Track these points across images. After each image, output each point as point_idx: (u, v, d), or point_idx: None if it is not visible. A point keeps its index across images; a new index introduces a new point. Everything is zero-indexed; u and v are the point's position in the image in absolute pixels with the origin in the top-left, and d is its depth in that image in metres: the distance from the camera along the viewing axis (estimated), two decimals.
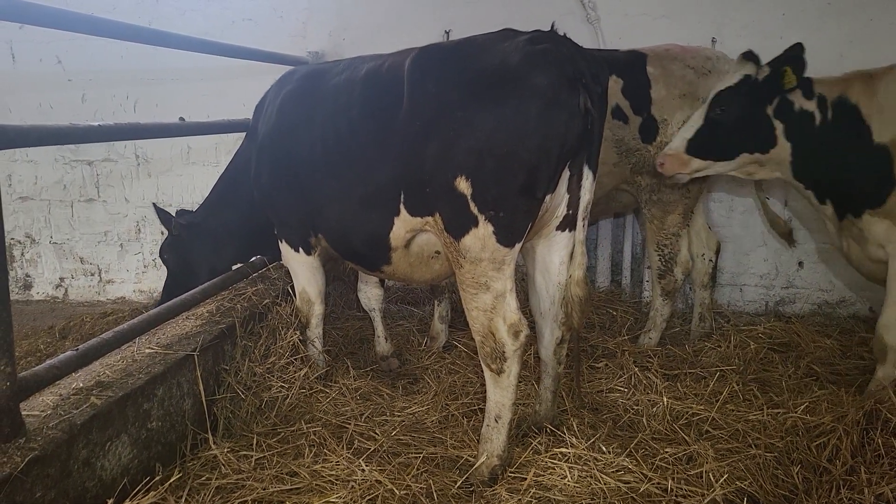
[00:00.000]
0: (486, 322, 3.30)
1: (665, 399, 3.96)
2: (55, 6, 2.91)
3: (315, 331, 4.42)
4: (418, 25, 6.13)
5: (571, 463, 3.32)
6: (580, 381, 4.13)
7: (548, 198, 3.25)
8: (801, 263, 5.84)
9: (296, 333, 4.35)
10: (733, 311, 5.97)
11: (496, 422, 3.39)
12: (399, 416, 4.02)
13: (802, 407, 3.81)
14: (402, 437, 3.78)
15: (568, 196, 3.38)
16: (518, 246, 3.26)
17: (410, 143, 3.31)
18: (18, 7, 2.58)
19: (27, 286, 7.27)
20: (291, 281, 4.53)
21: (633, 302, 6.02)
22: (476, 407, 4.05)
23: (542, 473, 3.27)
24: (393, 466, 3.39)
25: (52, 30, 3.06)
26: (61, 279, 7.25)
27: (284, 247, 4.37)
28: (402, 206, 3.47)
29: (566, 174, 3.29)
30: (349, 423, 3.86)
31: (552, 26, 3.35)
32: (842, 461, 3.30)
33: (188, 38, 4.31)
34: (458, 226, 3.25)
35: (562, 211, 3.41)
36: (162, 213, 4.88)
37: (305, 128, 3.90)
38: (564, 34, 3.31)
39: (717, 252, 5.38)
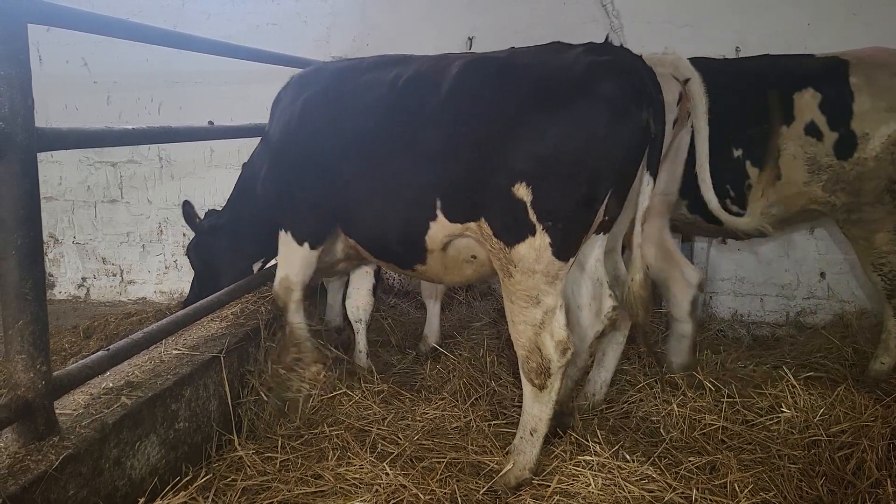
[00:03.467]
0: (532, 337, 3.29)
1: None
2: (82, 9, 2.95)
3: (295, 316, 4.23)
4: (441, 32, 6.17)
5: (595, 471, 3.33)
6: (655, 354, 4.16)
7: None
8: (822, 274, 5.82)
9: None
10: (753, 320, 5.96)
11: (531, 435, 3.39)
12: (420, 420, 4.03)
13: (824, 417, 3.80)
14: (424, 442, 3.79)
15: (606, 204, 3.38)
16: (572, 261, 3.26)
17: (453, 148, 3.31)
18: (46, 10, 2.62)
19: (50, 286, 7.34)
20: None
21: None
22: (497, 411, 4.06)
23: (566, 480, 3.28)
24: (417, 471, 3.40)
25: (78, 32, 3.08)
26: (83, 279, 7.32)
27: (286, 237, 4.22)
28: (438, 212, 3.46)
29: None
30: (372, 427, 3.87)
31: (606, 38, 3.40)
32: (867, 474, 3.30)
33: (212, 42, 4.33)
34: (512, 233, 3.23)
35: (599, 217, 3.39)
36: (188, 211, 4.86)
37: (334, 127, 3.87)
38: (621, 44, 3.33)
39: None
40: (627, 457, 3.43)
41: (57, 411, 2.72)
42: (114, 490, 2.81)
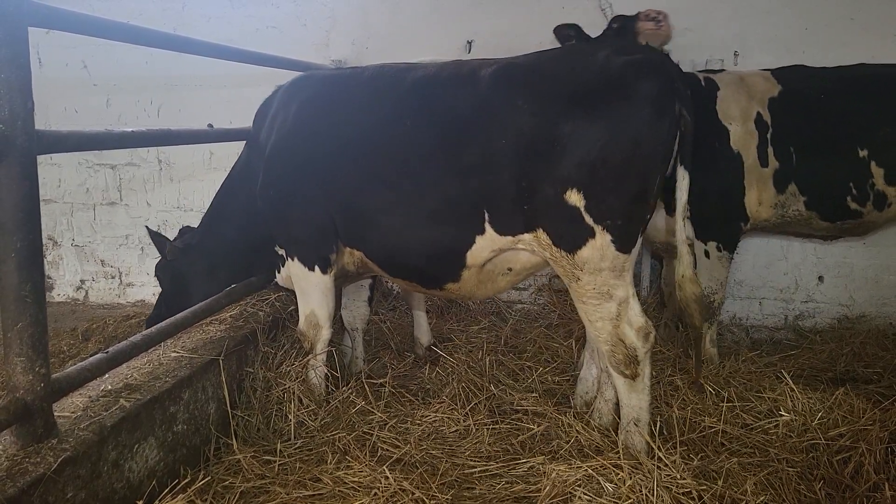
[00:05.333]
0: (612, 331, 3.35)
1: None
2: (82, 12, 2.95)
3: (319, 357, 4.13)
4: (441, 35, 6.19)
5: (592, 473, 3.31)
6: (700, 367, 4.15)
7: None
8: (821, 278, 5.83)
9: None
10: (751, 324, 5.96)
11: (636, 426, 3.44)
12: (420, 424, 4.03)
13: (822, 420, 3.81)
14: (423, 446, 3.79)
15: None
16: (635, 250, 3.32)
17: (495, 160, 3.31)
18: (46, 13, 2.62)
19: (48, 288, 7.34)
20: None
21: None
22: (496, 414, 4.06)
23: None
24: (416, 475, 3.40)
25: (78, 35, 3.09)
26: (82, 281, 7.32)
27: (295, 265, 4.05)
28: (487, 225, 3.44)
29: None
30: (372, 431, 3.87)
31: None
32: (865, 478, 3.30)
33: (212, 45, 4.31)
34: (571, 239, 3.27)
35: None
36: (156, 238, 4.53)
37: (339, 135, 3.78)
38: (647, 43, 3.36)
39: None
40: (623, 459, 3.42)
41: (56, 414, 2.72)
42: (112, 492, 2.81)
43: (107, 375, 3.24)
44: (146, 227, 4.76)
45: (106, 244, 7.21)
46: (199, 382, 3.55)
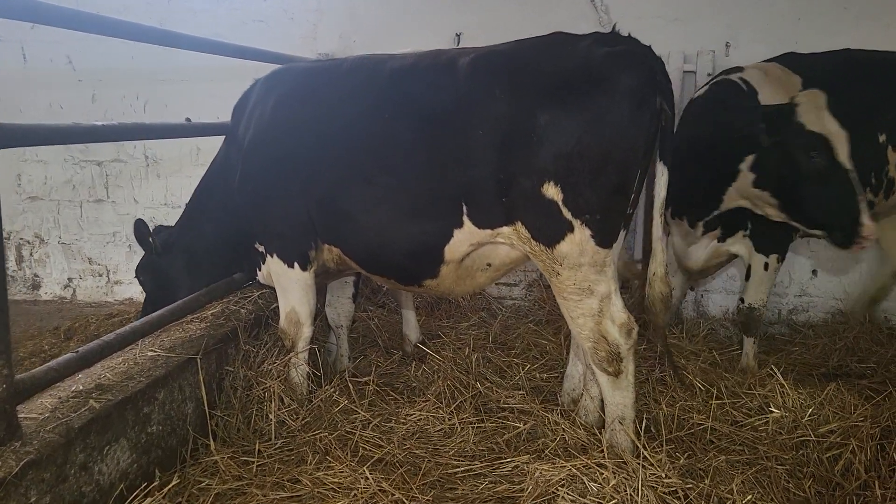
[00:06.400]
0: (594, 327, 3.29)
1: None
2: (67, 6, 2.88)
3: (301, 355, 4.05)
4: (429, 28, 6.10)
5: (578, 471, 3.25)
6: (676, 372, 4.05)
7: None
8: (814, 272, 5.75)
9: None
10: None
11: (620, 424, 3.37)
12: (404, 423, 3.96)
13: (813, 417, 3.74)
14: (407, 445, 3.72)
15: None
16: (616, 245, 3.25)
17: (473, 151, 3.24)
18: (31, 7, 2.55)
19: (35, 286, 7.27)
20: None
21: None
22: (482, 413, 3.99)
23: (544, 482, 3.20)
24: (398, 475, 3.33)
25: (63, 30, 3.03)
26: (69, 279, 7.25)
27: (275, 262, 3.97)
28: (465, 218, 3.37)
29: None
30: (355, 431, 3.79)
31: (613, 28, 3.38)
32: (855, 476, 3.23)
33: (199, 39, 4.27)
34: (550, 233, 3.21)
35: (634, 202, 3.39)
36: (139, 230, 4.33)
37: (316, 129, 3.71)
38: (629, 34, 3.30)
39: None
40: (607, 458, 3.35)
41: (21, 415, 2.65)
42: (80, 496, 2.73)
43: (79, 376, 3.17)
44: (137, 221, 4.41)
45: (93, 242, 7.14)
46: (176, 382, 3.48)
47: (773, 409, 3.82)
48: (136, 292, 7.09)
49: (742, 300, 4.71)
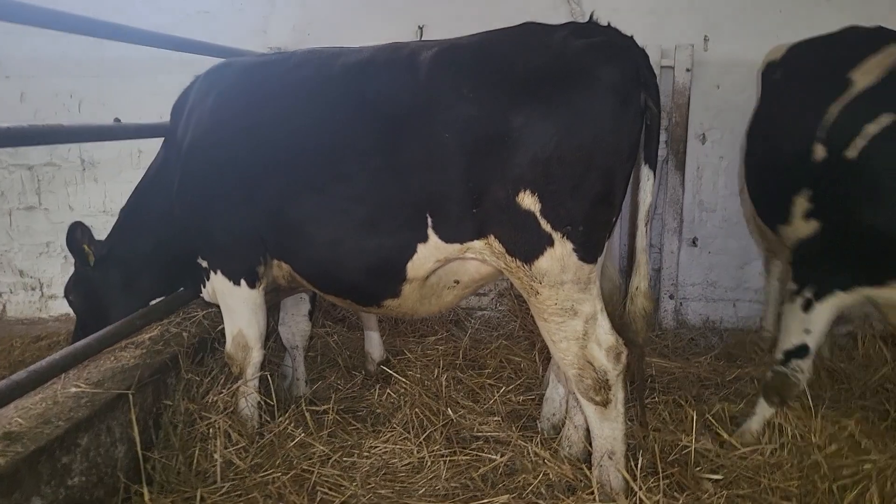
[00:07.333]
0: (579, 352, 2.93)
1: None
2: None
3: (251, 383, 3.63)
4: (389, 20, 5.69)
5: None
6: (644, 410, 3.62)
7: None
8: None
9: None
10: (726, 327, 5.59)
11: (610, 459, 3.00)
12: (368, 457, 3.55)
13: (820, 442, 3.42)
14: (371, 484, 3.32)
15: None
16: (601, 260, 2.90)
17: (438, 156, 2.87)
18: None
19: None
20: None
21: None
22: (454, 443, 3.60)
23: None
24: None
25: None
26: None
27: (219, 279, 3.57)
28: (430, 231, 2.99)
29: None
30: (313, 469, 3.37)
31: (590, 17, 3.04)
32: None
33: (138, 31, 3.86)
34: (527, 248, 2.84)
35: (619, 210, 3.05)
36: (75, 235, 3.89)
37: (262, 131, 3.31)
38: (608, 23, 2.93)
39: None
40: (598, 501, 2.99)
41: None
42: None
43: None
44: (76, 222, 4.01)
45: (24, 252, 6.55)
46: (103, 423, 3.02)
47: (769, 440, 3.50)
48: None
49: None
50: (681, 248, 5.55)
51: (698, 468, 3.31)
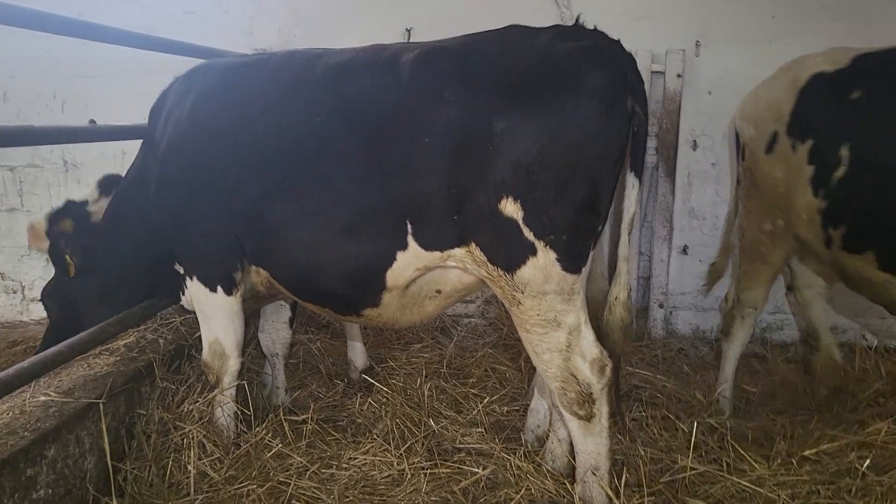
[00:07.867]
0: (562, 364, 2.85)
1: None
2: None
3: (228, 392, 3.57)
4: (377, 21, 5.61)
5: None
6: (625, 420, 3.58)
7: None
8: (790, 287, 5.40)
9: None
10: (716, 337, 5.51)
11: (594, 475, 2.93)
12: (347, 468, 3.47)
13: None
14: (349, 497, 3.23)
15: None
16: (586, 270, 2.82)
17: (419, 161, 2.80)
18: None
19: None
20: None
21: None
22: (436, 455, 3.51)
23: None
24: None
25: None
26: None
27: (196, 285, 3.49)
28: (410, 239, 2.91)
29: None
30: (290, 480, 3.29)
31: (577, 20, 2.98)
32: None
33: (123, 32, 3.80)
34: (509, 256, 2.77)
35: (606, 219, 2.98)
36: (58, 245, 3.84)
37: (240, 134, 3.23)
38: (595, 27, 2.85)
39: None
40: None
41: None
42: None
43: None
44: (63, 235, 3.94)
45: (6, 255, 6.43)
46: (72, 433, 2.93)
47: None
48: None
49: None
50: (671, 256, 5.47)
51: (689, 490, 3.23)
